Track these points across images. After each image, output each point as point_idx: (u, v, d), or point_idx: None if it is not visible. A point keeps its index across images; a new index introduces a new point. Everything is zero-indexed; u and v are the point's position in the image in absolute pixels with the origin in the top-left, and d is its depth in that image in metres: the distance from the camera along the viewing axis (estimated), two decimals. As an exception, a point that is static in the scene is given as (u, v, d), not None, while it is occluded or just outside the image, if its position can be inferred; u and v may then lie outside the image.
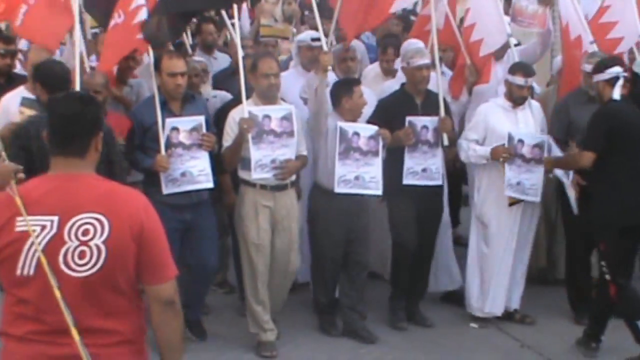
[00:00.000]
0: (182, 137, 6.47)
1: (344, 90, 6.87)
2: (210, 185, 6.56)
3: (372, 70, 8.50)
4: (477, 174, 7.42)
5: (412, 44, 7.45)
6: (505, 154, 7.03)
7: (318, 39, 7.37)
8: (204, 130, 6.53)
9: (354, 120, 6.89)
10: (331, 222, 6.88)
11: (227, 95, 7.34)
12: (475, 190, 7.42)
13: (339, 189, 6.76)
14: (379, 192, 6.88)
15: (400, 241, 7.19)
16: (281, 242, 6.73)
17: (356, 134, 6.79)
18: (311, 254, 7.20)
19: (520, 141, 7.11)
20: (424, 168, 7.13)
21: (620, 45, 7.78)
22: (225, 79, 7.67)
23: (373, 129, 6.86)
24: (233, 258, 7.57)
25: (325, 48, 6.93)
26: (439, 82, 7.29)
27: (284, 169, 6.59)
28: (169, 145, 6.44)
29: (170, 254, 3.46)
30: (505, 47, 7.90)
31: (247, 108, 6.51)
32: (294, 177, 6.81)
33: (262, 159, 6.52)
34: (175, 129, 6.46)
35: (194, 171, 6.48)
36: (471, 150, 7.17)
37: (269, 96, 6.66)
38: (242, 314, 7.28)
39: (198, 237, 6.62)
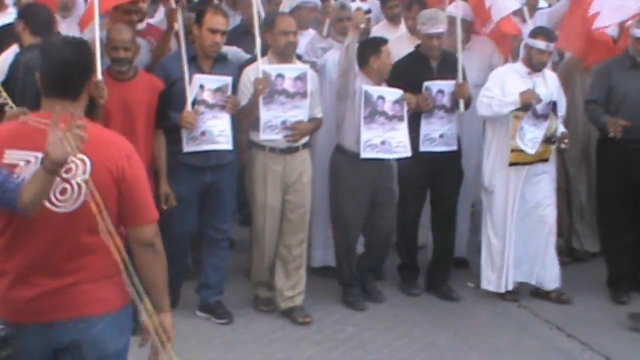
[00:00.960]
0: (206, 96, 6.25)
1: (372, 49, 6.67)
2: (229, 147, 6.33)
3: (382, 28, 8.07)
4: (486, 140, 7.15)
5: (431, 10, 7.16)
6: (535, 99, 6.77)
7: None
8: (229, 92, 6.32)
9: (381, 81, 6.72)
10: (356, 186, 6.70)
11: (238, 51, 7.12)
12: (485, 156, 7.14)
13: (365, 154, 6.59)
14: (408, 154, 6.71)
15: (407, 210, 7.07)
16: (292, 206, 6.57)
17: (381, 97, 6.61)
18: (333, 222, 6.99)
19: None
20: (441, 134, 6.94)
21: None
22: (237, 37, 7.40)
23: (398, 93, 6.66)
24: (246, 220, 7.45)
25: (357, 4, 6.67)
26: (458, 44, 7.03)
27: (295, 131, 6.42)
28: (193, 102, 6.23)
29: (152, 199, 3.56)
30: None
31: (261, 67, 6.31)
32: (306, 139, 6.62)
33: (272, 120, 6.36)
34: (201, 86, 6.24)
35: (215, 131, 6.26)
36: (496, 100, 6.84)
37: (286, 55, 6.47)
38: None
39: (215, 200, 6.44)
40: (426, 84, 6.87)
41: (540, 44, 6.85)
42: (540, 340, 6.54)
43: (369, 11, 7.24)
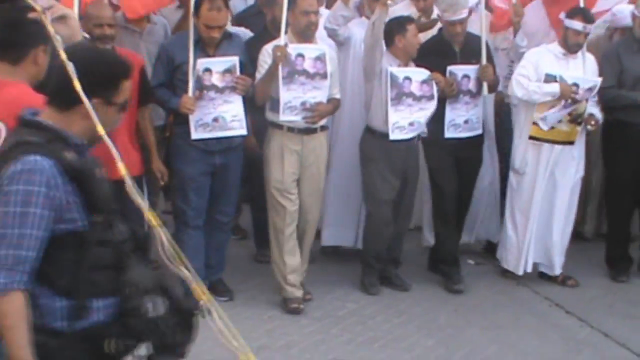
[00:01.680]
0: (215, 79, 6.06)
1: (398, 28, 6.48)
2: (244, 132, 6.20)
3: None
4: (517, 120, 7.02)
5: None
6: (572, 95, 6.66)
7: None
8: (237, 72, 6.11)
9: (408, 60, 6.56)
10: (388, 166, 6.60)
11: (246, 32, 6.94)
12: (516, 137, 7.02)
13: (393, 135, 6.46)
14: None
15: (441, 189, 6.97)
16: (307, 188, 6.44)
17: (407, 78, 6.45)
18: (365, 200, 6.90)
19: (575, 84, 6.73)
20: (466, 120, 6.81)
21: None
22: (248, 18, 7.24)
23: (425, 73, 6.51)
24: (250, 203, 7.28)
25: None
26: (482, 26, 6.82)
27: (315, 112, 6.26)
28: (201, 87, 6.05)
29: None
30: None
31: (284, 40, 6.14)
32: (324, 121, 6.47)
33: (292, 101, 6.19)
34: (207, 70, 6.04)
35: (227, 116, 6.10)
36: (534, 86, 6.69)
37: (307, 35, 6.28)
38: (258, 261, 7.02)
39: (222, 183, 6.31)
40: (450, 68, 6.71)
41: (577, 24, 6.69)
42: (539, 317, 6.60)
43: None
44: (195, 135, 6.04)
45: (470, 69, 6.74)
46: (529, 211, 6.98)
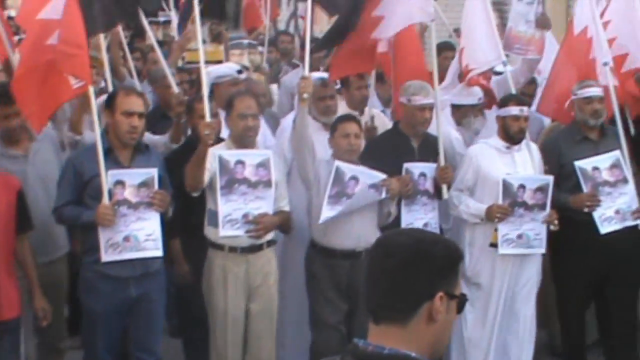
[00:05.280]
0: (128, 194, 5.26)
1: (331, 129, 5.88)
2: (159, 253, 5.37)
3: None
4: (468, 226, 6.32)
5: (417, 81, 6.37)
6: (500, 212, 6.04)
7: (241, 71, 6.44)
8: (156, 186, 5.34)
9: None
10: (331, 284, 5.81)
11: (151, 138, 6.17)
12: (466, 245, 6.29)
13: (322, 219, 5.69)
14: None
15: None
16: (257, 313, 5.64)
17: (354, 179, 5.76)
18: (310, 324, 6.00)
19: (521, 187, 6.11)
20: (425, 223, 6.11)
21: (627, 62, 6.81)
22: (153, 122, 6.42)
23: (377, 177, 5.80)
24: (183, 340, 6.37)
25: (306, 72, 5.87)
26: (439, 121, 6.23)
27: (259, 225, 5.51)
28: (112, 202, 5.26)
29: None
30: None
31: (217, 152, 5.43)
32: (271, 236, 5.72)
33: (232, 213, 5.46)
34: (120, 182, 5.25)
35: (140, 235, 5.27)
36: (463, 204, 6.15)
37: (246, 141, 5.62)
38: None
39: (142, 317, 5.43)
40: (406, 165, 6.06)
41: (514, 109, 6.16)
42: None
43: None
44: (105, 257, 5.19)
45: (428, 167, 6.13)
46: (491, 327, 6.25)
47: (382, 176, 5.79)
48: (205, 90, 5.52)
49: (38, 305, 5.28)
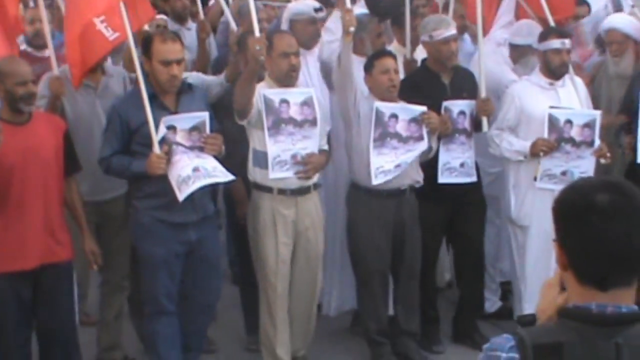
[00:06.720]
0: (180, 138, 5.10)
1: (366, 65, 5.72)
2: (232, 177, 5.17)
3: None
4: (512, 166, 6.17)
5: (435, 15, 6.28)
6: (545, 146, 5.88)
7: (321, 9, 6.20)
8: (207, 130, 5.17)
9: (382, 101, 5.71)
10: (374, 228, 5.69)
11: (199, 77, 6.03)
12: (511, 187, 6.17)
13: (377, 180, 5.58)
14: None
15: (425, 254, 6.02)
16: (305, 258, 5.54)
17: (394, 116, 5.61)
18: (354, 269, 5.92)
19: (568, 122, 5.93)
20: (461, 162, 5.96)
21: None
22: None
23: (416, 110, 5.67)
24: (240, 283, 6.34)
25: (348, 4, 5.58)
26: (481, 53, 6.07)
27: (308, 166, 5.40)
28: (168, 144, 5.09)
29: None
30: None
31: (261, 90, 5.27)
32: (317, 178, 5.59)
33: (281, 154, 5.32)
34: (171, 127, 5.09)
35: (207, 165, 5.09)
36: (505, 142, 5.99)
37: (288, 80, 5.45)
38: (248, 350, 6.02)
39: (202, 260, 5.30)
40: (446, 104, 5.89)
41: (555, 42, 5.97)
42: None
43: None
44: (181, 196, 4.94)
45: (467, 104, 5.97)
46: (532, 267, 6.07)
47: (421, 109, 5.67)
48: (255, 23, 5.30)
49: (87, 248, 5.19)
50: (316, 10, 6.30)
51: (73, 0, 5.65)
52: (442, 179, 5.91)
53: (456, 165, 5.95)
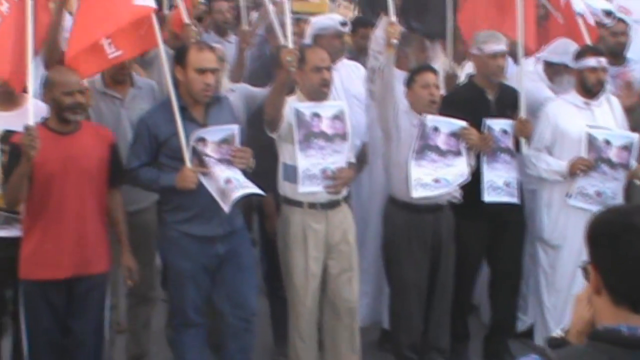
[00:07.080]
0: (210, 150, 5.10)
1: (407, 80, 5.71)
2: (261, 192, 5.16)
3: None
4: (546, 186, 6.14)
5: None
6: (584, 165, 5.85)
7: (346, 23, 6.21)
8: (237, 142, 5.17)
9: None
10: (413, 241, 5.69)
11: (247, 88, 6.06)
12: (544, 206, 6.15)
13: (416, 192, 5.58)
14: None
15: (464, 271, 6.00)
16: (338, 271, 5.50)
17: (436, 129, 5.61)
18: (389, 284, 5.92)
19: (607, 142, 5.90)
20: (506, 181, 5.91)
21: None
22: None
23: (458, 124, 5.67)
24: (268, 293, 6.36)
25: (392, 18, 5.54)
26: (521, 73, 6.05)
27: (338, 180, 5.39)
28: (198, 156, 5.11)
29: None
30: None
31: (293, 105, 5.29)
32: (346, 191, 5.59)
33: (311, 168, 5.31)
34: (201, 139, 5.09)
35: (238, 177, 5.08)
36: (542, 162, 5.97)
37: (320, 94, 5.44)
38: (276, 360, 6.04)
39: (235, 271, 5.28)
40: (488, 122, 5.85)
41: (591, 60, 5.96)
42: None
43: None
44: (227, 207, 4.97)
45: (510, 123, 5.92)
46: (561, 286, 6.08)
47: (462, 123, 5.65)
48: (289, 36, 5.32)
49: (124, 263, 5.20)
50: (342, 24, 6.34)
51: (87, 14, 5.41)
52: (488, 197, 5.85)
53: (500, 184, 5.90)
